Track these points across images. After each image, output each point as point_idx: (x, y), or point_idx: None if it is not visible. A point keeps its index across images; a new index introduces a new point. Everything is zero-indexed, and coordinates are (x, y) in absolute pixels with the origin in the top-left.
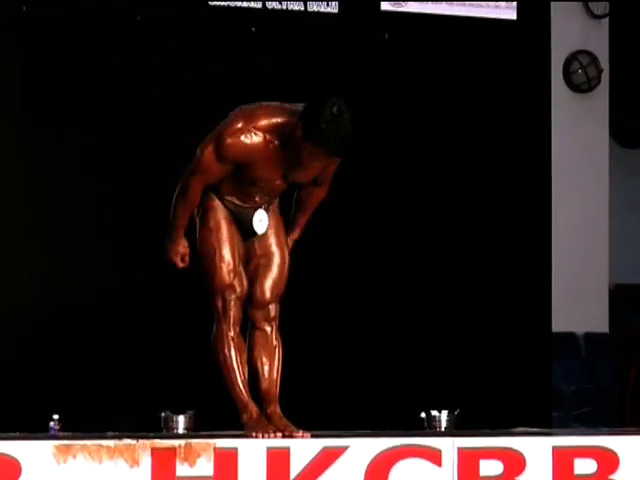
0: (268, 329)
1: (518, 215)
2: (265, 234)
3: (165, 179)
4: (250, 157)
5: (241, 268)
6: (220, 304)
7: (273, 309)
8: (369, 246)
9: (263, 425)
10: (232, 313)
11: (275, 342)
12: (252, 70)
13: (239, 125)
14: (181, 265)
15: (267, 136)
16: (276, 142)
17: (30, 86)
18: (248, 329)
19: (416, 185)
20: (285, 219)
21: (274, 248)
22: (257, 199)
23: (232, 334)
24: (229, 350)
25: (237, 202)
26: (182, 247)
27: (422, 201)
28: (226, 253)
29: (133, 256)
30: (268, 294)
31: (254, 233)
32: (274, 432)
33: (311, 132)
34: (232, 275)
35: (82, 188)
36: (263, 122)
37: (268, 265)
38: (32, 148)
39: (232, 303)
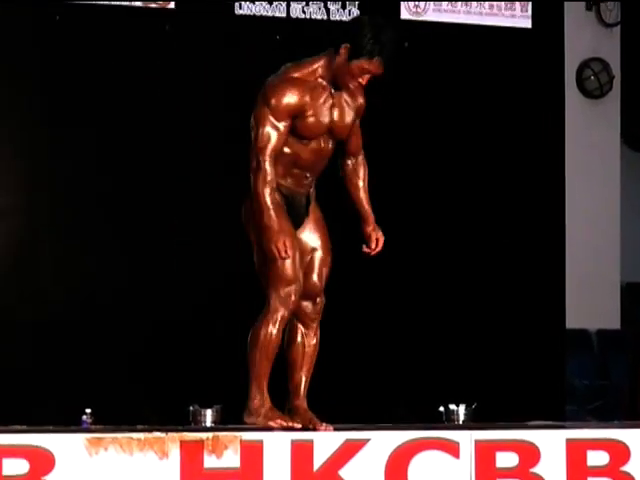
0: (313, 325)
1: (533, 215)
2: (310, 225)
3: (183, 176)
4: (299, 102)
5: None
6: (281, 296)
7: (320, 301)
8: (386, 242)
9: (277, 414)
10: (290, 307)
11: (315, 340)
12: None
13: (277, 81)
14: (284, 255)
15: (308, 78)
16: (318, 80)
17: (59, 92)
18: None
19: (434, 189)
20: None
21: (319, 240)
22: (307, 176)
23: (280, 327)
24: (275, 338)
25: (290, 185)
26: (283, 233)
27: (444, 203)
28: (289, 247)
29: (159, 251)
30: (319, 285)
31: (303, 219)
32: (287, 422)
33: (361, 46)
34: (295, 269)
35: (99, 188)
36: (297, 72)
37: (317, 257)
38: (51, 149)
39: (292, 298)
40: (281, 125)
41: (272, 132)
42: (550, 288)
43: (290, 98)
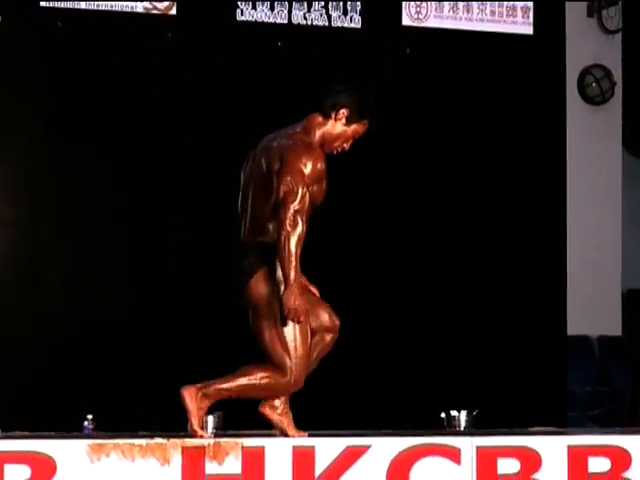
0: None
1: (534, 222)
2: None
3: (196, 183)
4: (324, 169)
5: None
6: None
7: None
8: (389, 250)
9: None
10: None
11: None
12: (278, 82)
13: (308, 147)
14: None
15: (318, 144)
16: (323, 147)
17: (61, 99)
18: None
19: (435, 198)
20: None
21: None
22: None
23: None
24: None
25: None
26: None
27: (446, 211)
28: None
29: (161, 260)
30: (336, 319)
31: None
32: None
33: (360, 112)
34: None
35: (112, 198)
36: (311, 137)
37: (315, 295)
38: (61, 161)
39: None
40: (309, 190)
41: (307, 195)
42: (551, 295)
43: (322, 165)
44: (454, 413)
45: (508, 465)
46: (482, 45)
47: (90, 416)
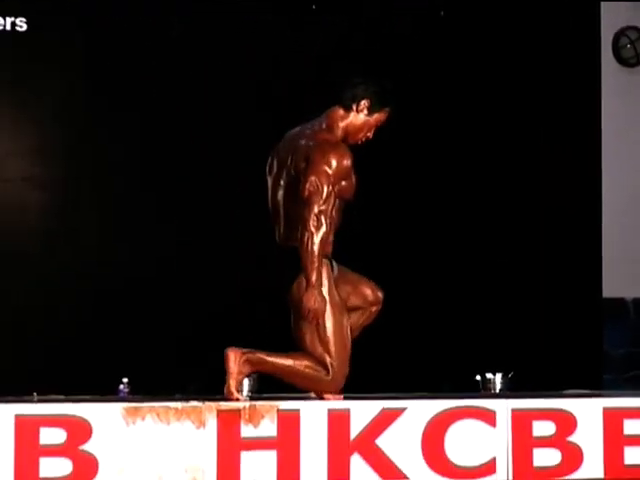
0: None
1: (569, 183)
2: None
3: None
4: (351, 165)
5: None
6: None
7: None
8: (426, 214)
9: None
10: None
11: None
12: (313, 49)
13: (333, 145)
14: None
15: (341, 139)
16: (347, 139)
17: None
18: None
19: (472, 152)
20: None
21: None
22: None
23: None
24: None
25: None
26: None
27: (479, 171)
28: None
29: (197, 223)
30: (379, 292)
31: None
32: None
33: (380, 100)
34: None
35: (146, 162)
36: (333, 134)
37: (351, 273)
38: (97, 132)
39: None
40: (335, 188)
41: (332, 195)
42: (587, 257)
43: (348, 161)
44: (489, 376)
45: (543, 427)
46: (516, 7)
47: (125, 379)
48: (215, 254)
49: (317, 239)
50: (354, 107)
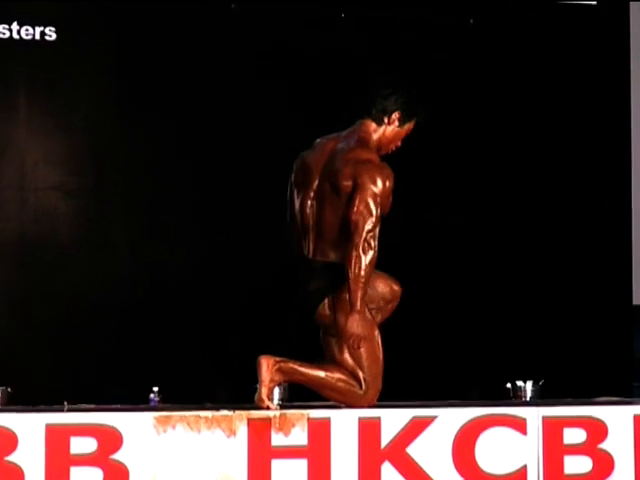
0: None
1: (599, 189)
2: None
3: (251, 160)
4: (392, 184)
5: None
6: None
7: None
8: (451, 220)
9: None
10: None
11: None
12: (339, 53)
13: (378, 166)
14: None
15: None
16: (380, 151)
17: (129, 73)
18: None
19: (499, 156)
20: None
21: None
22: None
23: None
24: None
25: None
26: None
27: (508, 171)
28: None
29: (229, 230)
30: (396, 286)
31: None
32: None
33: (410, 110)
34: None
35: (177, 169)
36: (374, 153)
37: None
38: (127, 140)
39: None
40: (379, 209)
41: (379, 217)
42: (617, 264)
43: (391, 182)
44: (520, 383)
45: (574, 435)
46: (545, 16)
47: (156, 388)
48: (247, 262)
49: (366, 263)
50: (386, 120)
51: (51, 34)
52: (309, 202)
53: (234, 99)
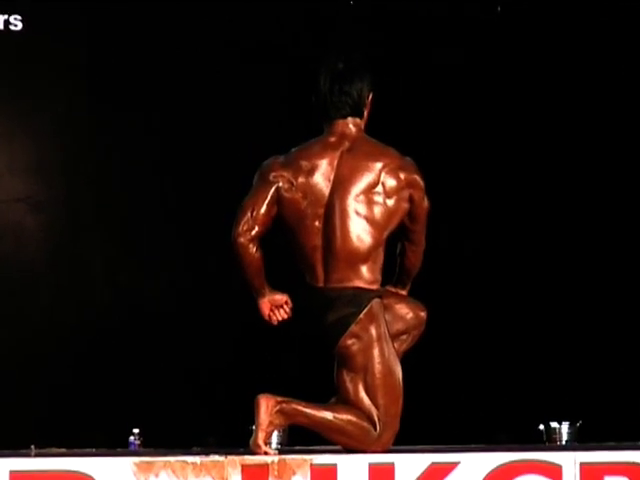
0: None
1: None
2: None
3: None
4: None
5: None
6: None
7: None
8: (485, 249)
9: None
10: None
11: None
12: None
13: (413, 167)
14: None
15: None
16: None
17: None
18: None
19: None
20: None
21: None
22: None
23: None
24: None
25: None
26: None
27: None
28: None
29: (218, 250)
30: (421, 312)
31: None
32: None
33: (375, 85)
34: None
35: (158, 180)
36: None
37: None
38: (102, 147)
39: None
40: None
41: None
42: None
43: None
44: (554, 425)
45: None
46: (578, 4)
47: (136, 430)
48: (235, 293)
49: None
50: (364, 110)
51: (17, 23)
52: (317, 224)
53: (219, 103)
